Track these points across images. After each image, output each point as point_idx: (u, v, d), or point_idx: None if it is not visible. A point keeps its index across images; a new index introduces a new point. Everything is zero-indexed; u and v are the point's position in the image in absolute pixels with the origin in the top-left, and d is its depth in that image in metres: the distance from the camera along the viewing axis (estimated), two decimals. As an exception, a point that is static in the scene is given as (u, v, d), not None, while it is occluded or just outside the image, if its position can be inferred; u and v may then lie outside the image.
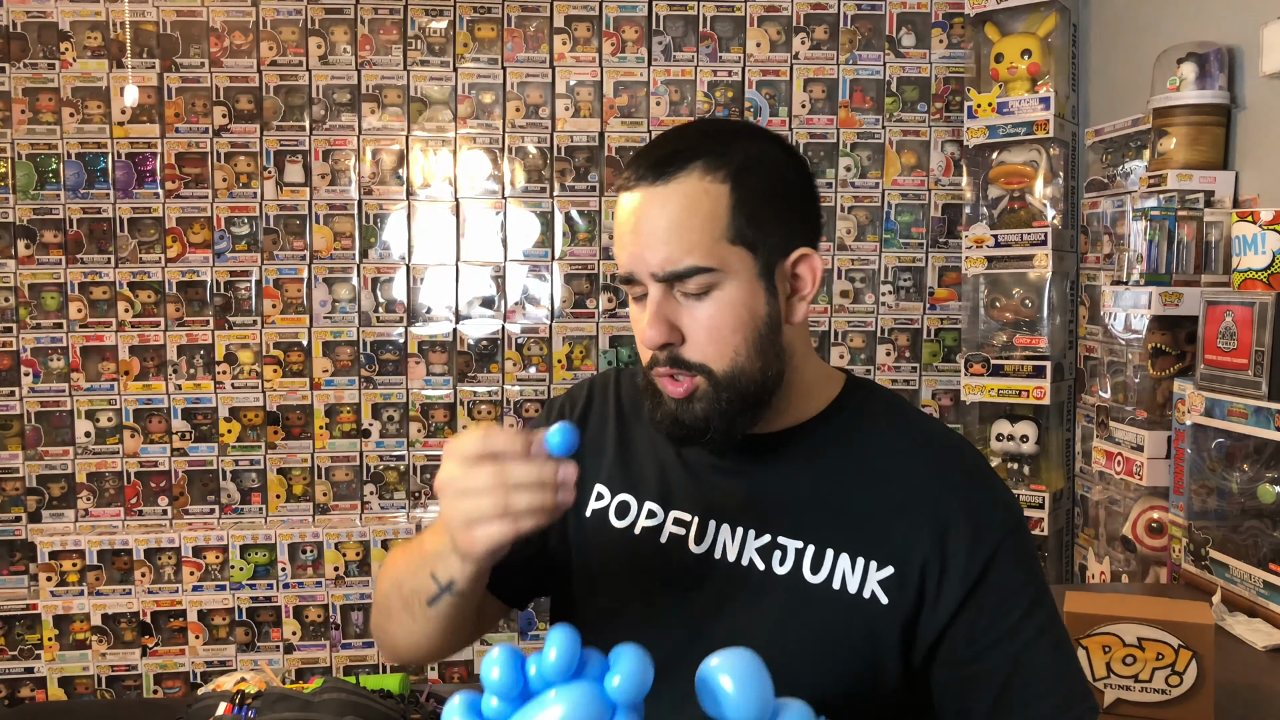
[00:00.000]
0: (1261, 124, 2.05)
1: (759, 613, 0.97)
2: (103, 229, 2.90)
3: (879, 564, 0.95)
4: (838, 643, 0.95)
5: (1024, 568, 0.95)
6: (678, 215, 0.93)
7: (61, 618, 2.85)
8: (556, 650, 0.68)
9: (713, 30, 2.96)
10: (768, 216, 0.95)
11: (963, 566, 0.93)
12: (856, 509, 0.97)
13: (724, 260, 0.93)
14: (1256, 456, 1.72)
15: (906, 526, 0.95)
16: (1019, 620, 0.93)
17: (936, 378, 3.01)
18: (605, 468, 1.09)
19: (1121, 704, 1.29)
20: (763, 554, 0.98)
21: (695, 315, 0.94)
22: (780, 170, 0.98)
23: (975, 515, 0.95)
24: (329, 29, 2.93)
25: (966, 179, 2.83)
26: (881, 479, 0.98)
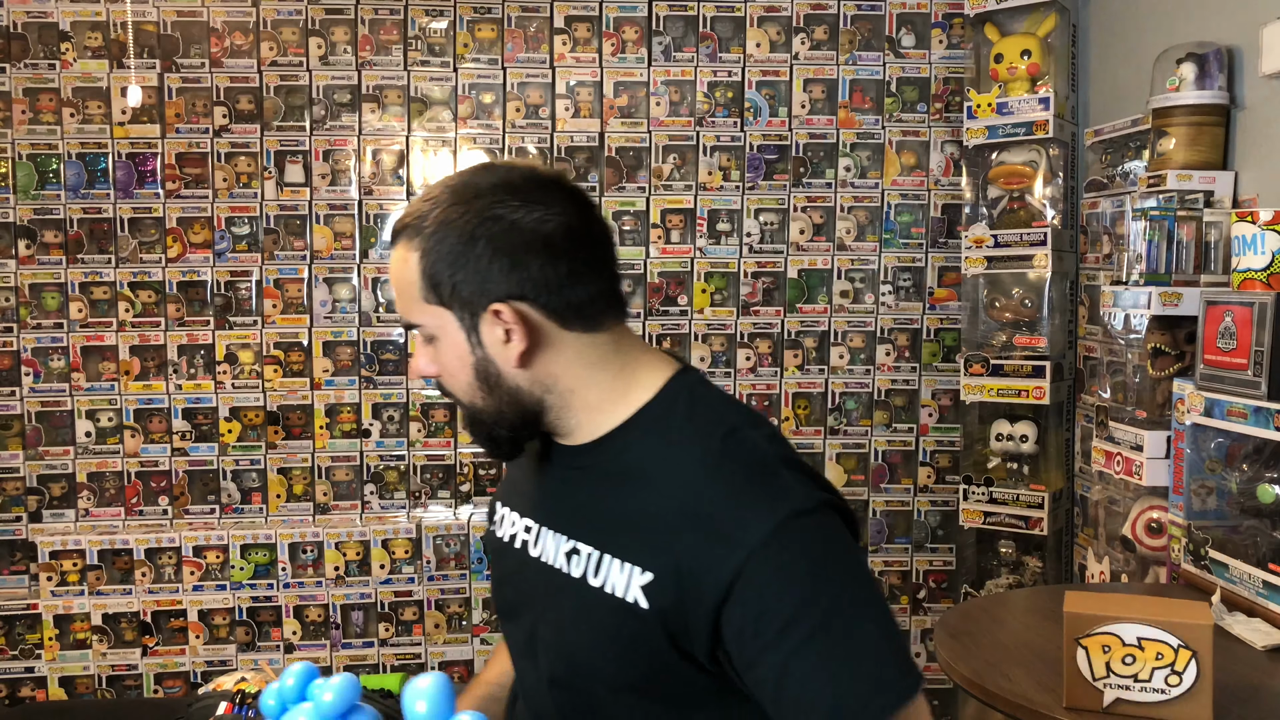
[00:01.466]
0: (1261, 124, 2.05)
1: (562, 612, 1.08)
2: (103, 229, 2.90)
3: (641, 569, 0.99)
4: (614, 643, 1.01)
5: (783, 575, 0.93)
6: (395, 281, 1.11)
7: (62, 617, 2.85)
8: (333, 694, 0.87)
9: (713, 30, 2.97)
10: (451, 278, 1.06)
11: (712, 578, 0.94)
12: (628, 515, 1.03)
13: (427, 320, 1.09)
14: (1256, 456, 1.72)
15: (666, 533, 0.98)
16: (777, 634, 0.92)
17: (936, 378, 3.01)
18: (502, 491, 1.28)
19: (1121, 704, 1.29)
20: (568, 557, 1.08)
21: (433, 356, 1.12)
22: (468, 233, 1.05)
23: (727, 524, 0.96)
24: (329, 29, 2.93)
25: (966, 179, 2.83)
26: (654, 486, 1.02)
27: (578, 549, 1.07)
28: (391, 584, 2.90)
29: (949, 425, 3.01)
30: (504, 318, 1.06)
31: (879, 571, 3.02)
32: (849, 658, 0.92)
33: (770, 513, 0.95)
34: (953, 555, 3.00)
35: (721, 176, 2.97)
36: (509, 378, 1.08)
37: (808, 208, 2.99)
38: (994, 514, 2.68)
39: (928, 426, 3.02)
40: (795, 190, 2.98)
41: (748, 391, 2.99)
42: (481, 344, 1.07)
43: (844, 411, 3.02)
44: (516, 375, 1.08)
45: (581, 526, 1.08)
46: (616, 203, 2.96)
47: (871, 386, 3.01)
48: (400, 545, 2.90)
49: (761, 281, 2.99)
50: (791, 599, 0.93)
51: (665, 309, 2.98)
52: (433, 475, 3.00)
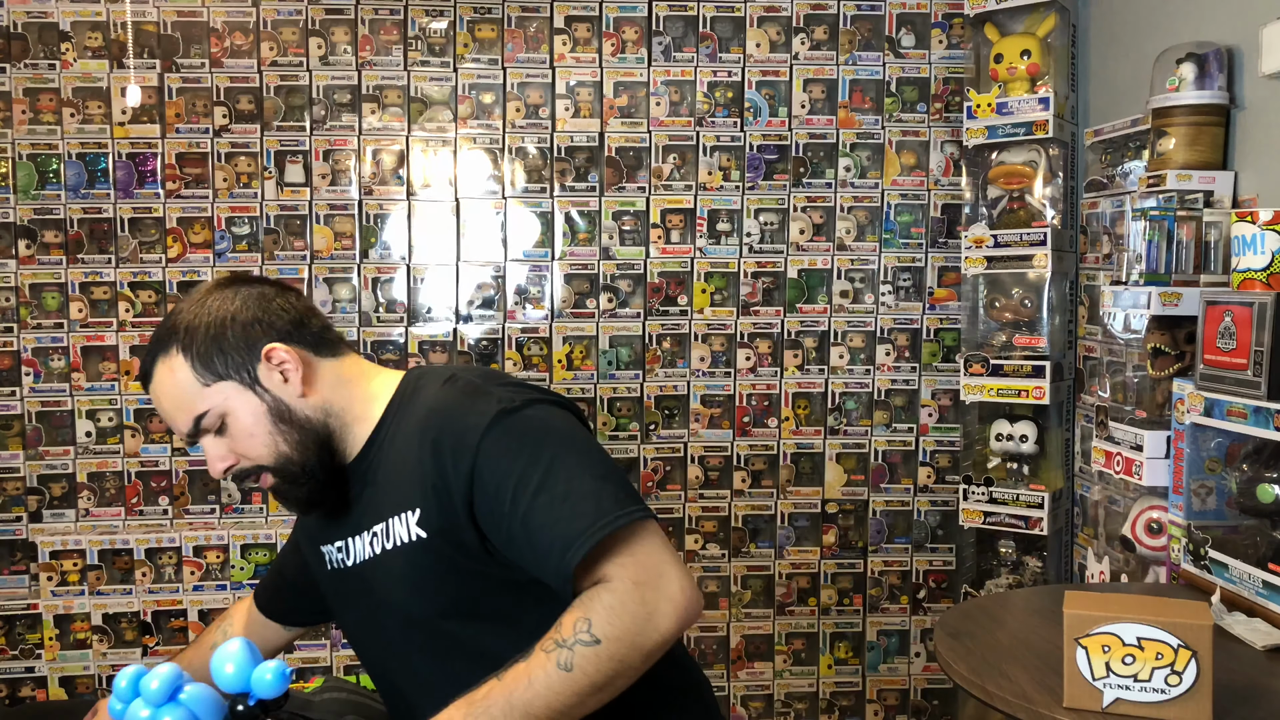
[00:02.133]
0: (1261, 124, 2.05)
1: (376, 587, 1.30)
2: (103, 229, 2.91)
3: (409, 510, 1.24)
4: (422, 581, 1.24)
5: (507, 454, 1.18)
6: (169, 394, 1.29)
7: (62, 617, 2.85)
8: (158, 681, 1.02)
9: (713, 31, 2.97)
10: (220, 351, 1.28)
11: (455, 476, 1.19)
12: (395, 479, 1.27)
13: (215, 401, 1.27)
14: (1256, 456, 1.72)
15: (418, 472, 1.23)
16: (512, 496, 1.16)
17: (936, 378, 3.01)
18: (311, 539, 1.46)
19: (1121, 704, 1.29)
20: (370, 545, 1.30)
21: (230, 441, 1.29)
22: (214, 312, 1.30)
23: (453, 432, 1.21)
24: (329, 29, 2.93)
25: (966, 179, 2.84)
26: (406, 447, 1.26)
27: (374, 532, 1.29)
28: (391, 584, 2.90)
29: (949, 425, 3.01)
30: (276, 356, 1.29)
31: (879, 572, 3.02)
32: (568, 499, 1.14)
33: (482, 415, 1.21)
34: (952, 555, 3.00)
35: (721, 176, 2.97)
36: (299, 411, 1.29)
37: (808, 208, 2.99)
38: (994, 514, 2.68)
39: (927, 426, 3.02)
40: (795, 190, 2.98)
41: (747, 391, 2.99)
42: (268, 390, 1.28)
43: (844, 411, 3.02)
44: (304, 406, 1.30)
45: (370, 516, 1.30)
46: (616, 203, 2.96)
47: (871, 386, 3.02)
48: (400, 545, 2.90)
49: (761, 281, 2.99)
50: (515, 470, 1.17)
51: (665, 309, 2.98)
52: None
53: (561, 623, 1.12)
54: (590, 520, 1.12)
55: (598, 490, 1.15)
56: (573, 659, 1.08)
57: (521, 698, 1.08)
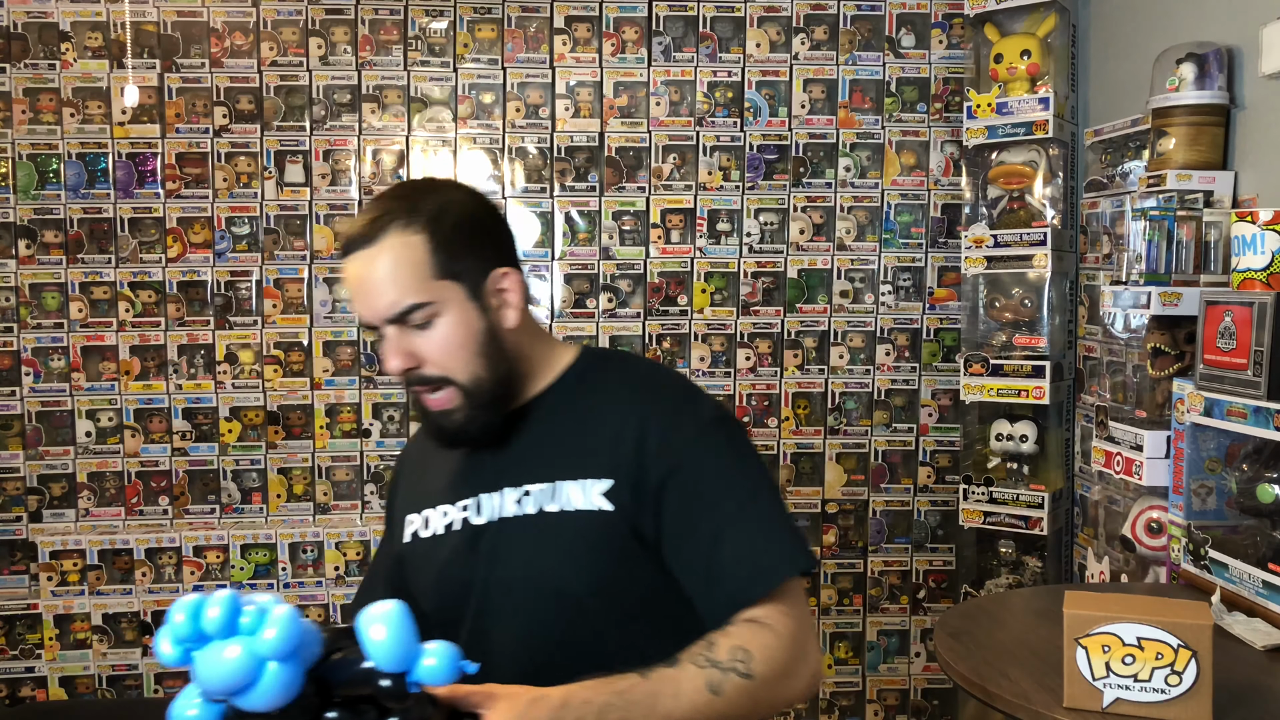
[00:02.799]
0: (1261, 124, 2.05)
1: (523, 547, 1.20)
2: (103, 229, 2.90)
3: (597, 478, 1.18)
4: (583, 552, 1.17)
5: (716, 460, 1.18)
6: (390, 269, 1.16)
7: (62, 617, 2.85)
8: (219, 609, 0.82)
9: (712, 31, 2.97)
10: (464, 248, 1.19)
11: (656, 462, 1.16)
12: (577, 444, 1.21)
13: (437, 295, 1.17)
14: (1256, 456, 1.72)
15: (616, 445, 1.18)
16: (712, 503, 1.15)
17: (936, 377, 3.01)
18: (408, 499, 1.35)
19: (1121, 704, 1.29)
20: (519, 503, 1.21)
21: (428, 341, 1.18)
22: (468, 210, 1.22)
23: (667, 419, 1.19)
24: (329, 29, 2.93)
25: (966, 179, 2.84)
26: (594, 416, 1.22)
27: (528, 490, 1.21)
28: (391, 584, 2.90)
29: (949, 425, 3.01)
30: (509, 280, 1.22)
31: (879, 572, 3.02)
32: (766, 529, 1.16)
33: (701, 413, 1.21)
34: (952, 555, 3.00)
35: (721, 176, 2.97)
36: (507, 341, 1.22)
37: (808, 208, 2.99)
38: (994, 514, 2.68)
39: (927, 426, 3.02)
40: (795, 190, 2.98)
41: (747, 391, 2.99)
42: (487, 310, 1.20)
43: (844, 411, 3.02)
44: (510, 338, 1.22)
45: (529, 473, 1.22)
46: (616, 203, 2.96)
47: (871, 386, 3.02)
48: (400, 545, 2.90)
49: (761, 281, 2.99)
50: (722, 480, 1.17)
51: (665, 309, 2.98)
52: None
53: (715, 643, 1.09)
54: (781, 559, 1.15)
55: (789, 530, 1.17)
56: (723, 684, 1.06)
57: (665, 705, 1.04)
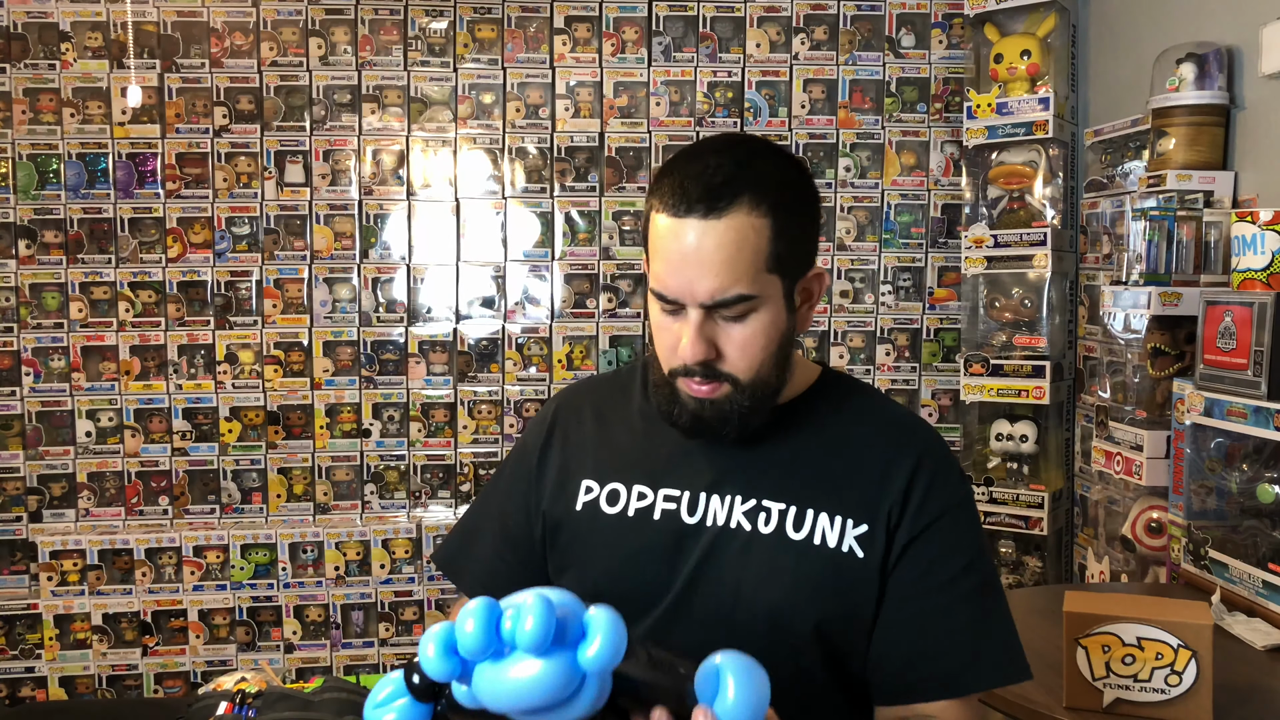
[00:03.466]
0: (1261, 124, 2.05)
1: (746, 565, 1.08)
2: (103, 229, 2.90)
3: (855, 521, 1.06)
4: (817, 591, 1.05)
5: (967, 535, 1.09)
6: (730, 251, 1.00)
7: (62, 617, 2.85)
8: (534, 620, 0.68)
9: (712, 31, 2.97)
10: (796, 242, 1.05)
11: (913, 518, 1.06)
12: (834, 474, 1.09)
13: (762, 288, 1.03)
14: (1256, 456, 1.72)
15: (878, 489, 1.08)
16: (953, 577, 1.06)
17: (936, 378, 3.01)
18: (589, 464, 1.18)
19: (1121, 704, 1.29)
20: (749, 516, 1.08)
21: (732, 335, 1.04)
22: (803, 194, 1.07)
23: (933, 479, 1.08)
24: (329, 29, 2.93)
25: (966, 179, 2.83)
26: (855, 448, 1.11)
27: (764, 506, 1.08)
28: (392, 584, 2.90)
29: (949, 425, 3.01)
30: (817, 283, 1.10)
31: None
32: (1001, 627, 1.07)
33: (961, 483, 1.12)
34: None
35: (721, 176, 2.97)
36: (789, 344, 1.10)
37: (808, 208, 2.98)
38: (994, 514, 2.68)
39: (928, 426, 3.01)
40: (795, 190, 2.98)
41: (748, 391, 2.99)
42: (793, 310, 1.08)
43: (844, 411, 3.01)
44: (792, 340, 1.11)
45: (767, 486, 1.10)
46: (616, 203, 2.96)
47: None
48: (400, 545, 2.90)
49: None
50: (966, 555, 1.07)
51: (665, 309, 2.97)
52: (433, 475, 3.00)
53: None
54: (1003, 661, 1.06)
55: (1012, 631, 1.08)
56: None
57: None
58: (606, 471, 1.16)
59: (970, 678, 1.05)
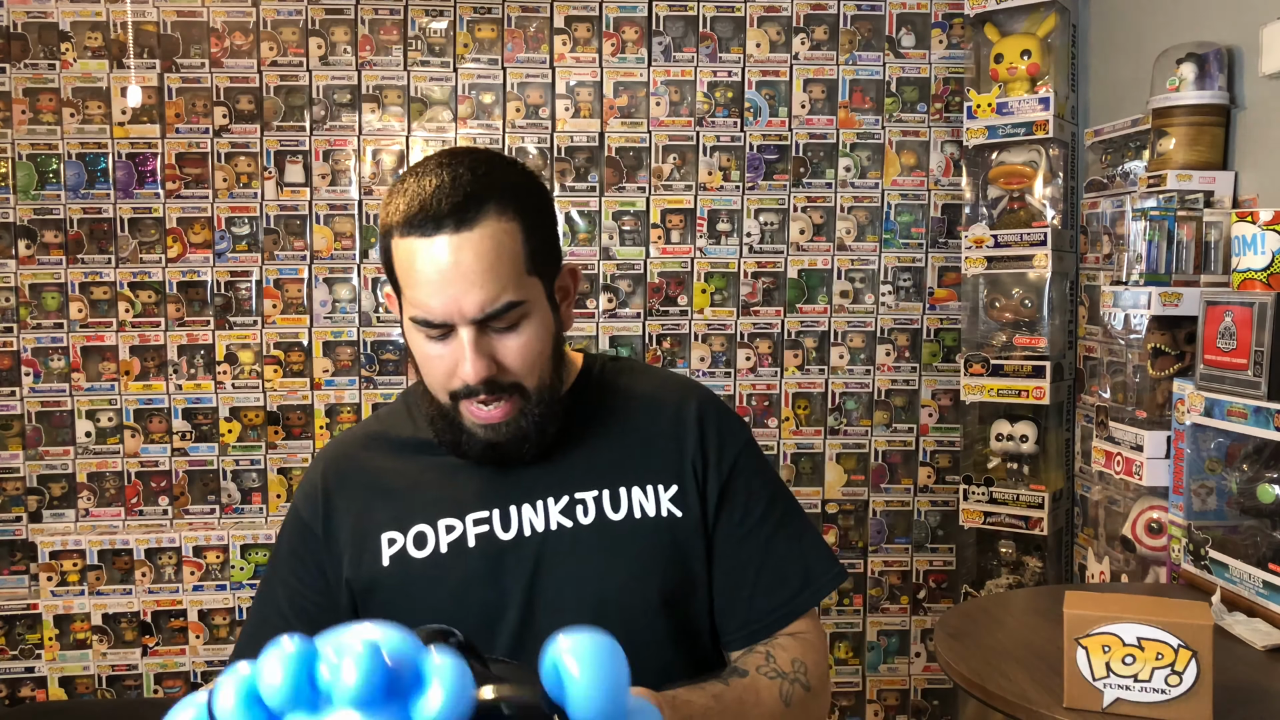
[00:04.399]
0: (1261, 124, 2.05)
1: (575, 561, 1.08)
2: (103, 229, 2.90)
3: (665, 485, 1.11)
4: (653, 562, 1.09)
5: (761, 472, 1.18)
6: (490, 260, 0.99)
7: (62, 617, 2.85)
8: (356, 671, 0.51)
9: (713, 31, 2.97)
10: (546, 241, 1.07)
11: (716, 466, 1.13)
12: (630, 447, 1.13)
13: (527, 292, 1.03)
14: (1256, 456, 1.72)
15: (674, 448, 1.13)
16: (762, 512, 1.14)
17: (936, 378, 3.01)
18: (383, 516, 1.13)
19: (1121, 704, 1.29)
20: (566, 513, 1.09)
21: (509, 346, 1.03)
22: (538, 191, 1.08)
23: (719, 427, 1.16)
24: (329, 29, 2.93)
25: (966, 179, 2.83)
26: (640, 418, 1.16)
27: (577, 499, 1.09)
28: (391, 584, 2.89)
29: (949, 425, 3.01)
30: (575, 275, 1.13)
31: (879, 572, 3.02)
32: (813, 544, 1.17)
33: (741, 426, 1.20)
34: (953, 555, 3.00)
35: (721, 176, 2.97)
36: (560, 343, 1.12)
37: (808, 208, 2.99)
38: (994, 514, 2.68)
39: (928, 426, 3.02)
40: (795, 190, 2.98)
41: (748, 391, 2.99)
42: (557, 309, 1.09)
43: (844, 411, 3.02)
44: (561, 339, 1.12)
45: (569, 480, 1.11)
46: (616, 203, 2.96)
47: (871, 386, 3.01)
48: (400, 545, 2.90)
49: (761, 281, 2.99)
50: (767, 488, 1.17)
51: (665, 309, 2.98)
52: (433, 475, 2.99)
53: (773, 655, 1.09)
54: (823, 573, 1.16)
55: (820, 539, 1.19)
56: (792, 696, 1.06)
57: (750, 714, 1.02)
58: (405, 517, 1.11)
59: (809, 595, 1.14)
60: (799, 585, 1.13)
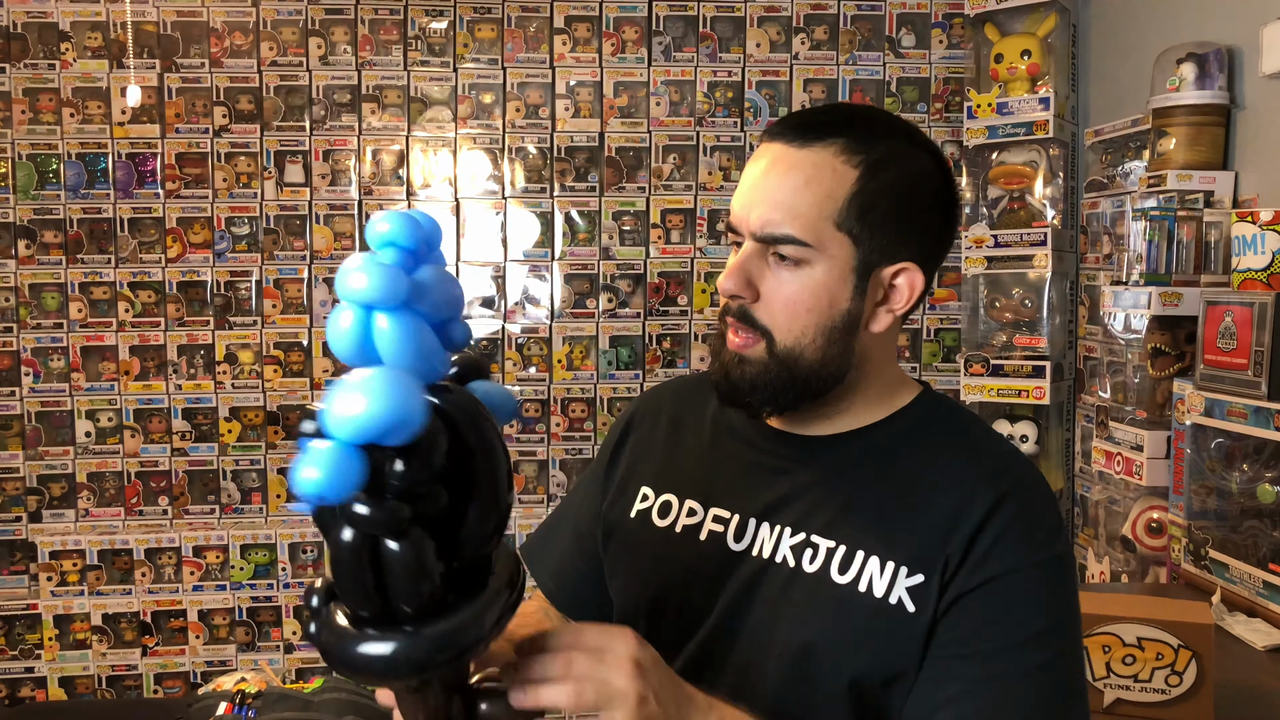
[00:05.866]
0: (1261, 124, 2.05)
1: (785, 605, 0.96)
2: (103, 229, 2.90)
3: (909, 571, 0.92)
4: (858, 642, 0.92)
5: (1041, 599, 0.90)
6: (798, 183, 0.92)
7: (62, 617, 2.85)
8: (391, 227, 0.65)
9: (713, 31, 2.96)
10: (885, 217, 0.93)
11: (972, 568, 0.90)
12: (893, 516, 0.95)
13: (822, 241, 0.92)
14: (1256, 456, 1.72)
15: (941, 537, 0.92)
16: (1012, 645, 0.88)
17: (936, 378, 3.01)
18: (650, 471, 1.10)
19: (1121, 704, 1.29)
20: (795, 551, 0.97)
21: (777, 282, 0.94)
22: (919, 180, 0.96)
23: (1008, 527, 0.91)
24: (329, 29, 2.93)
25: (966, 179, 2.83)
26: (923, 489, 0.95)
27: (812, 542, 0.96)
28: (391, 584, 2.89)
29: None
30: (903, 280, 0.96)
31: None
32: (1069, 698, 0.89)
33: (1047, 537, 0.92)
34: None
35: (722, 176, 2.97)
36: (859, 341, 0.97)
37: (808, 208, 2.98)
38: (994, 514, 2.68)
39: (928, 426, 3.01)
40: (795, 190, 2.98)
41: (748, 391, 2.99)
42: (862, 295, 0.95)
43: (844, 411, 3.01)
44: (865, 340, 0.97)
45: (814, 519, 0.98)
46: (616, 203, 2.96)
47: (871, 386, 3.01)
48: (400, 545, 2.90)
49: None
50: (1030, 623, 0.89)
51: (665, 309, 2.98)
52: (433, 475, 2.99)
53: None
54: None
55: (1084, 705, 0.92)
56: None
57: None
58: (664, 481, 1.08)
59: None
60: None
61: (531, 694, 0.75)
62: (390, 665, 0.64)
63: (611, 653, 0.77)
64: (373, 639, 0.64)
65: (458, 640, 0.65)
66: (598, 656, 0.76)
